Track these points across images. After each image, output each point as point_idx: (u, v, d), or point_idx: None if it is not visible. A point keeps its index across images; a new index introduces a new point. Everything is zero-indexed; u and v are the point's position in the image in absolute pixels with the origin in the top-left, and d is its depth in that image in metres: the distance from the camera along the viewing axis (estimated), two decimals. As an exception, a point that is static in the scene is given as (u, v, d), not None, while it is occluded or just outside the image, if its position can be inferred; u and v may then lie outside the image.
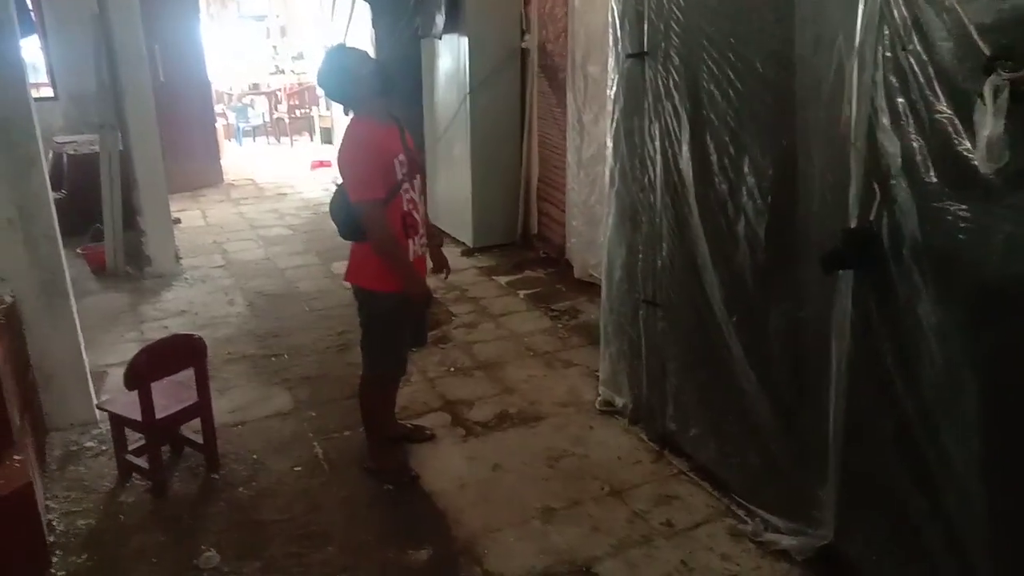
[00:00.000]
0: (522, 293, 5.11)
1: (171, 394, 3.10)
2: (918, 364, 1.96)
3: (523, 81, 5.69)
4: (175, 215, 6.32)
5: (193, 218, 7.19)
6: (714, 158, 2.62)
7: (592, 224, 4.97)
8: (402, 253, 2.74)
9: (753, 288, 2.54)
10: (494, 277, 5.44)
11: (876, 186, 1.99)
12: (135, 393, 2.88)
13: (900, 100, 1.88)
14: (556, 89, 5.26)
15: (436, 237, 3.16)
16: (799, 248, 2.33)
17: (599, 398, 3.57)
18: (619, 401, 3.45)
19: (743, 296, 2.59)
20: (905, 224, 1.92)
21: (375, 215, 2.66)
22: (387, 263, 2.74)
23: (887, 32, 1.89)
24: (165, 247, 5.61)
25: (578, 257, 5.18)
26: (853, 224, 2.09)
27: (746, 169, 2.48)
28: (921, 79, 1.81)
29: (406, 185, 2.75)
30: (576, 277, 5.17)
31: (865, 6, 1.93)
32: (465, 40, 5.50)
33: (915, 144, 1.86)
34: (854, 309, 2.13)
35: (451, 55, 5.78)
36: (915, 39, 1.81)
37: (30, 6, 6.18)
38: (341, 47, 2.99)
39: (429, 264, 3.09)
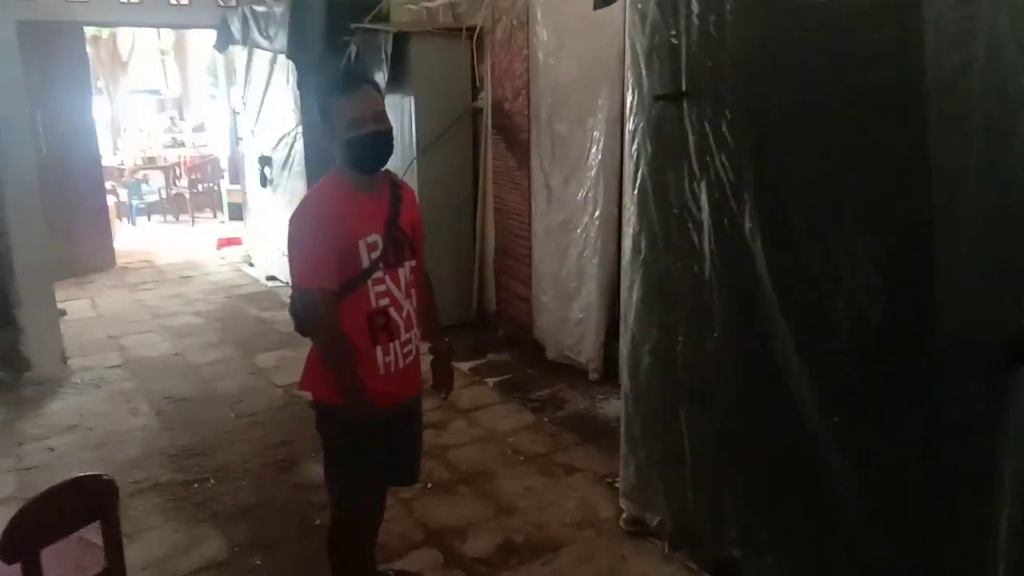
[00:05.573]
0: (491, 381, 4.43)
1: (69, 560, 2.24)
2: None
3: (475, 143, 5.15)
4: (60, 305, 5.34)
5: (82, 308, 6.18)
6: (795, 220, 2.09)
7: (564, 299, 4.43)
8: (347, 359, 2.08)
9: (863, 382, 1.99)
10: (454, 363, 4.72)
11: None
12: (17, 567, 2.03)
13: None
14: (517, 151, 4.72)
15: (441, 343, 2.46)
16: (943, 333, 1.81)
17: (623, 515, 2.92)
18: (651, 519, 2.80)
19: (848, 392, 2.03)
20: None
21: (316, 309, 2.07)
22: (327, 368, 2.11)
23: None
24: (49, 345, 4.68)
25: (550, 337, 4.58)
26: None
27: (846, 232, 1.96)
28: None
29: (379, 275, 2.11)
30: (550, 359, 4.56)
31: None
32: (411, 100, 4.95)
33: None
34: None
35: (395, 116, 5.16)
36: None
37: None
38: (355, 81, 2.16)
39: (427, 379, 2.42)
